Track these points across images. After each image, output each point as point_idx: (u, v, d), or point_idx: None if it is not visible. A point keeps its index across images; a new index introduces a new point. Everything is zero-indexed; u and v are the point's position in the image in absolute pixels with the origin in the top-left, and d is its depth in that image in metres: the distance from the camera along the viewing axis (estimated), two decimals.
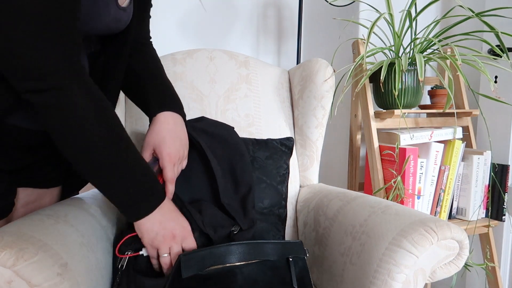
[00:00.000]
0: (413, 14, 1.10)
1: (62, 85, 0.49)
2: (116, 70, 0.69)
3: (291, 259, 0.67)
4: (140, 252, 0.63)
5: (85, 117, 0.51)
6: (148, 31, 0.83)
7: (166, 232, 0.60)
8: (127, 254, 0.63)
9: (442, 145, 1.13)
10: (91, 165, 0.54)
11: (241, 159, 0.78)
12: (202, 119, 0.83)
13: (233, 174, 0.77)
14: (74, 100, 0.50)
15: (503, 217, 1.20)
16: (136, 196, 0.57)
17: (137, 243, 0.64)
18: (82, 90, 0.52)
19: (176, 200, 0.70)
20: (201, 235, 0.66)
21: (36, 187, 0.72)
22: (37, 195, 0.72)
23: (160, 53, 1.33)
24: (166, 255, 0.61)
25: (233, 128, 0.83)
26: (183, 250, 0.63)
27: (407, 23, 1.10)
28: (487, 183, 1.21)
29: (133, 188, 0.56)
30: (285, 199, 0.89)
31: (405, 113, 1.11)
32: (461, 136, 1.19)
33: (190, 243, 0.64)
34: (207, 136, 0.78)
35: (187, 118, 0.97)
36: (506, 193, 1.19)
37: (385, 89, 1.13)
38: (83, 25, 0.56)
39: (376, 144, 1.13)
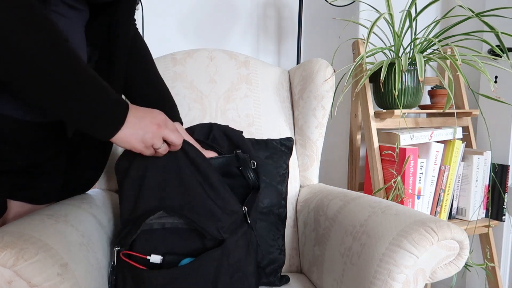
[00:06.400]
0: (413, 14, 1.10)
1: None
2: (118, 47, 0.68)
3: None
4: (148, 257, 0.63)
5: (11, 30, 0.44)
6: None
7: (149, 127, 0.59)
8: (116, 250, 0.63)
9: (442, 145, 1.13)
10: (39, 88, 0.48)
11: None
12: (211, 125, 0.83)
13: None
14: None
15: (503, 217, 1.20)
16: (103, 107, 0.54)
17: (130, 238, 0.64)
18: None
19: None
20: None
21: (32, 203, 0.70)
22: (30, 208, 0.71)
23: (160, 53, 1.33)
24: (162, 145, 0.62)
25: (242, 132, 0.83)
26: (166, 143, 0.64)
27: (407, 23, 1.10)
28: (487, 183, 1.21)
29: (96, 101, 0.53)
30: (284, 198, 0.89)
31: (405, 113, 1.11)
32: (461, 136, 1.19)
33: (171, 124, 0.64)
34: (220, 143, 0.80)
35: (187, 118, 0.97)
36: (506, 193, 1.19)
37: (385, 89, 1.13)
38: None
39: (376, 144, 1.13)
